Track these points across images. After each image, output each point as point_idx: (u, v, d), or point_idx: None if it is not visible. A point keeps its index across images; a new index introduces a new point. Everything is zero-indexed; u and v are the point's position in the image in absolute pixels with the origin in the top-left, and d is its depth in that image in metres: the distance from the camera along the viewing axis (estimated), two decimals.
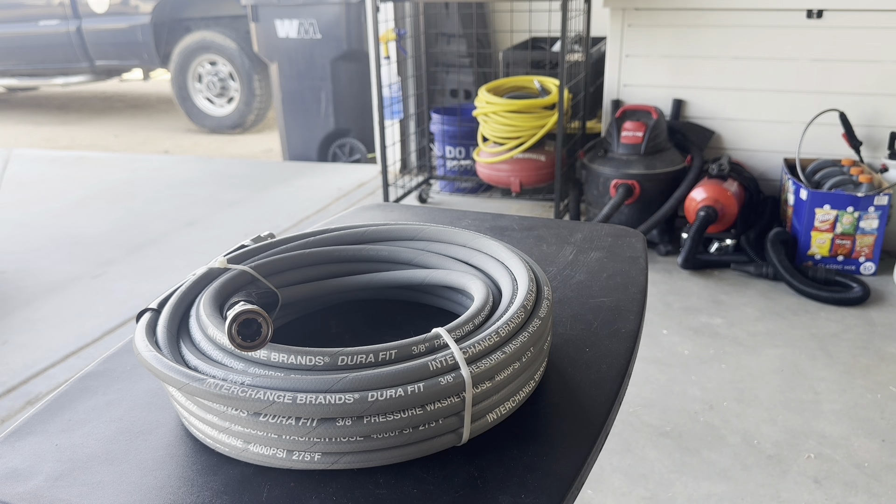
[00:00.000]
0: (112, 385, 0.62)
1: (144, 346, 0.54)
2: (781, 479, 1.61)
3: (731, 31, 2.87)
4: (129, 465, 0.52)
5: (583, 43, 3.18)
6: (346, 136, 4.31)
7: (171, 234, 3.16)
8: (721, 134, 3.03)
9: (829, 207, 2.50)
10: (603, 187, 2.82)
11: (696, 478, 1.62)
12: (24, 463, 0.52)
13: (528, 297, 0.58)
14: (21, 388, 2.03)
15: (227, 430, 0.51)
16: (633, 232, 0.94)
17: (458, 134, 3.41)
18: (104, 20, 5.40)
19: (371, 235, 0.73)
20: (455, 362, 0.51)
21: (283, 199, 3.61)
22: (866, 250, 2.53)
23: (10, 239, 3.15)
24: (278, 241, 0.71)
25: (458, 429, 0.52)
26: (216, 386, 0.48)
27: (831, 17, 2.72)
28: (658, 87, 3.05)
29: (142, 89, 7.44)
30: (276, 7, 3.98)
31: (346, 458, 0.50)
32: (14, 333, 2.33)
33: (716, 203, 2.63)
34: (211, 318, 0.56)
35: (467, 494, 0.48)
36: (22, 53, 5.70)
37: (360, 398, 0.48)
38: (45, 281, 2.70)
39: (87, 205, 3.59)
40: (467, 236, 0.71)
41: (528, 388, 0.58)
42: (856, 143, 2.71)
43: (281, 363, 0.51)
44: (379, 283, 0.72)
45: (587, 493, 1.59)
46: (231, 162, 4.45)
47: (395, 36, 3.29)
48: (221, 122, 5.44)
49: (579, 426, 0.56)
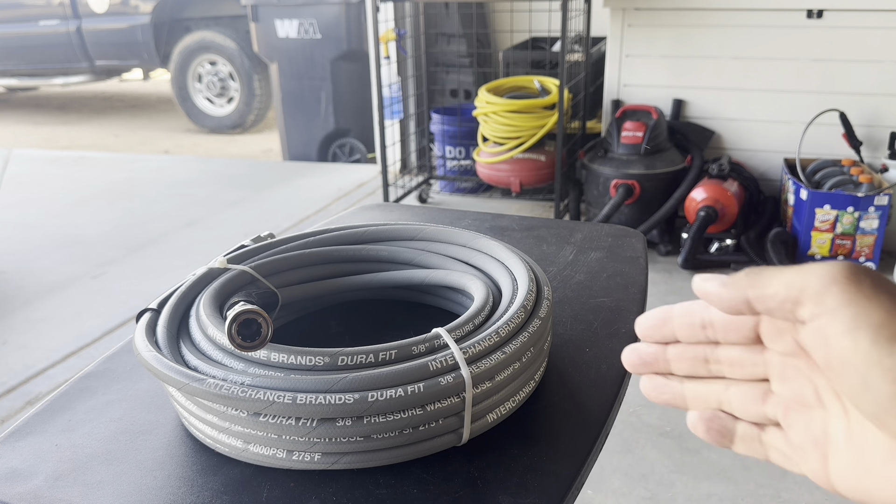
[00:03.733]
0: (112, 385, 0.62)
1: (144, 346, 0.54)
2: (781, 479, 1.61)
3: (731, 31, 2.87)
4: (128, 465, 0.52)
5: (583, 43, 3.18)
6: (346, 136, 4.31)
7: (170, 234, 3.16)
8: (721, 134, 3.03)
9: (829, 207, 2.50)
10: (603, 187, 2.82)
11: (697, 478, 1.62)
12: (24, 463, 0.52)
13: (528, 298, 0.58)
14: (21, 388, 2.03)
15: (227, 431, 0.51)
16: (634, 232, 0.94)
17: (458, 134, 3.41)
18: (104, 20, 5.40)
19: (371, 235, 0.73)
20: (455, 362, 0.51)
21: (283, 199, 3.61)
22: (866, 250, 2.53)
23: (10, 239, 3.15)
24: (278, 241, 0.71)
25: (458, 429, 0.52)
26: (216, 386, 0.48)
27: (831, 17, 2.72)
28: (658, 87, 3.05)
29: (142, 89, 7.44)
30: (276, 7, 3.98)
31: (346, 459, 0.50)
32: (14, 333, 2.33)
33: (716, 203, 2.63)
34: (211, 319, 0.56)
35: (467, 494, 0.48)
36: (22, 53, 5.70)
37: (360, 398, 0.48)
38: (44, 281, 2.70)
39: (87, 205, 3.59)
40: (467, 236, 0.71)
41: (528, 389, 0.58)
42: (856, 143, 2.71)
43: (281, 363, 0.51)
44: (379, 283, 0.72)
45: (587, 494, 1.59)
46: (231, 162, 4.45)
47: (395, 36, 3.29)
48: (221, 122, 5.44)
49: (579, 426, 0.56)
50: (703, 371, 0.39)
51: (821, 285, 0.31)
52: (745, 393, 0.38)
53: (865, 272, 0.32)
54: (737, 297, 0.34)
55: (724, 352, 0.38)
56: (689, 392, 0.40)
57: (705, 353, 0.39)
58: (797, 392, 0.36)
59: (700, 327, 0.38)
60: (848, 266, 0.32)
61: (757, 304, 0.34)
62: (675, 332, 0.39)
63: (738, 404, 0.38)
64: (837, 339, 0.31)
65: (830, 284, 0.31)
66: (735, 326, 0.37)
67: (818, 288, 0.31)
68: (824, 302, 0.31)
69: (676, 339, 0.39)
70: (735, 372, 0.38)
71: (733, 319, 0.37)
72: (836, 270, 0.31)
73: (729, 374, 0.38)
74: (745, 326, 0.37)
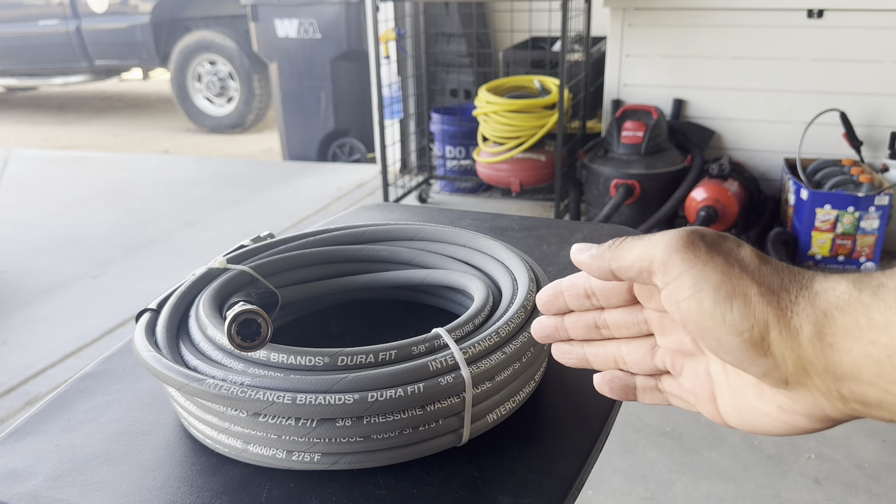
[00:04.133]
0: (111, 385, 0.62)
1: (144, 346, 0.54)
2: (782, 480, 1.61)
3: (731, 31, 2.87)
4: (128, 465, 0.52)
5: (583, 43, 3.18)
6: (346, 135, 4.31)
7: (170, 234, 3.15)
8: (721, 134, 3.03)
9: (829, 207, 2.50)
10: (603, 187, 2.82)
11: (697, 478, 1.62)
12: (24, 463, 0.52)
13: (528, 298, 0.58)
14: (20, 388, 2.03)
15: (227, 431, 0.51)
16: (634, 232, 0.94)
17: (458, 134, 3.41)
18: (103, 20, 5.39)
19: (371, 235, 0.73)
20: (455, 362, 0.51)
21: (282, 199, 3.61)
22: (867, 250, 2.53)
23: (10, 239, 3.15)
24: (278, 241, 0.71)
25: (458, 429, 0.52)
26: (215, 386, 0.48)
27: (832, 16, 2.72)
28: (658, 87, 3.04)
29: (141, 89, 7.44)
30: (276, 7, 3.98)
31: (345, 459, 0.50)
32: (13, 333, 2.33)
33: (716, 203, 2.63)
34: (210, 319, 0.56)
35: (467, 495, 0.48)
36: (21, 53, 5.69)
37: (360, 398, 0.47)
38: (44, 281, 2.70)
39: (87, 205, 3.59)
40: (467, 236, 0.71)
41: (528, 389, 0.57)
42: (856, 143, 2.71)
43: (281, 363, 0.51)
44: (379, 283, 0.72)
45: (587, 494, 1.59)
46: (231, 162, 4.45)
47: (394, 35, 3.29)
48: (221, 122, 5.44)
49: (579, 426, 0.55)
50: (596, 335, 0.43)
51: (664, 255, 0.34)
52: (634, 349, 0.42)
53: (701, 235, 0.35)
54: (603, 268, 0.38)
55: (609, 315, 0.42)
56: (589, 355, 0.43)
57: (595, 319, 0.42)
58: (677, 343, 0.39)
59: (585, 297, 0.42)
60: (685, 233, 0.35)
61: (619, 273, 0.37)
62: (566, 303, 0.43)
63: (630, 360, 0.42)
64: (685, 303, 0.34)
65: (672, 253, 0.34)
66: (613, 292, 0.41)
67: (663, 257, 0.34)
68: (669, 270, 0.34)
69: (570, 308, 0.43)
70: (622, 332, 0.42)
71: (610, 285, 0.41)
72: (676, 239, 0.34)
73: (617, 335, 0.42)
74: (622, 291, 0.41)
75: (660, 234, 0.35)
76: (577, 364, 0.44)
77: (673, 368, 0.40)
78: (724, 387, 0.37)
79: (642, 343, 0.41)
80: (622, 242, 0.37)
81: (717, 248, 0.34)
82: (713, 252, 0.34)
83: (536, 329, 0.44)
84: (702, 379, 0.39)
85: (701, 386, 0.39)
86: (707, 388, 0.39)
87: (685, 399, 0.40)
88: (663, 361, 0.41)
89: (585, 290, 0.42)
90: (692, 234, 0.34)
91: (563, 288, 0.42)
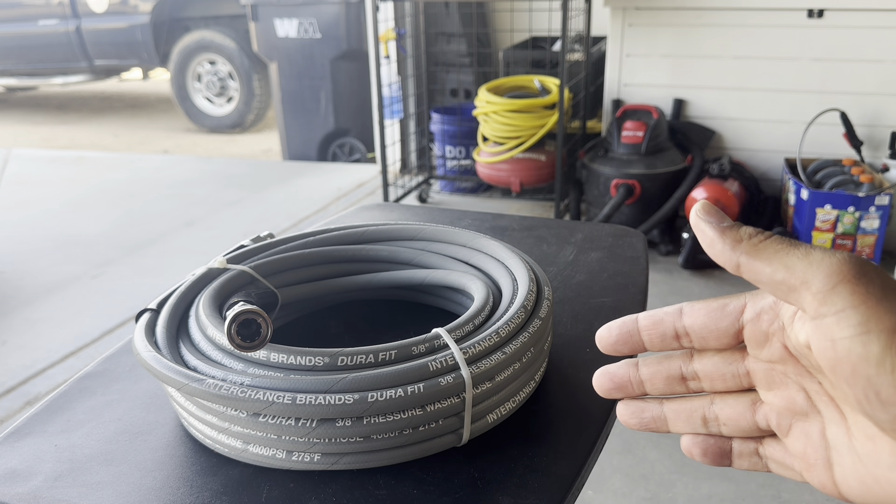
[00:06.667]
0: (111, 385, 0.62)
1: (143, 346, 0.54)
2: (782, 480, 1.61)
3: (731, 31, 2.87)
4: (128, 465, 0.52)
5: (583, 42, 3.18)
6: (346, 135, 4.31)
7: (170, 234, 3.15)
8: (722, 134, 3.03)
9: (830, 207, 2.50)
10: (603, 187, 2.82)
11: (697, 478, 1.62)
12: (23, 463, 0.52)
13: (528, 298, 0.58)
14: (20, 388, 2.03)
15: (227, 431, 0.51)
16: (634, 232, 0.94)
17: (458, 133, 3.41)
18: (103, 20, 5.39)
19: (371, 235, 0.73)
20: (455, 363, 0.51)
21: (282, 199, 3.61)
22: (867, 250, 2.53)
23: (10, 239, 3.15)
24: (278, 241, 0.71)
25: (458, 429, 0.52)
26: (215, 386, 0.48)
27: (832, 16, 2.72)
28: (659, 87, 3.04)
29: (141, 89, 7.43)
30: (276, 6, 3.98)
31: (345, 459, 0.50)
32: (13, 334, 2.33)
33: (717, 203, 2.63)
34: (210, 319, 0.56)
35: (467, 495, 0.48)
36: (21, 53, 5.69)
37: (360, 399, 0.47)
38: (44, 281, 2.70)
39: (87, 205, 3.59)
40: (467, 236, 0.71)
41: (528, 389, 0.57)
42: (857, 143, 2.71)
43: (280, 363, 0.51)
44: (379, 283, 0.72)
45: (588, 494, 1.59)
46: (230, 162, 4.45)
47: (394, 35, 3.29)
48: (221, 122, 5.44)
49: (580, 426, 0.55)
50: (680, 389, 0.36)
51: (827, 282, 0.29)
52: (731, 406, 0.36)
53: (875, 270, 0.30)
54: (726, 254, 0.32)
55: (700, 365, 0.36)
56: (669, 413, 0.37)
57: (681, 369, 0.36)
58: (788, 399, 0.34)
59: (672, 338, 0.35)
60: (856, 262, 0.29)
61: (745, 270, 0.31)
62: (643, 344, 0.36)
63: (726, 419, 0.36)
64: (845, 342, 0.28)
65: (839, 282, 0.29)
66: (715, 334, 0.34)
67: (824, 284, 0.29)
68: (832, 301, 0.29)
69: (647, 349, 0.36)
70: (716, 385, 0.36)
71: (713, 325, 0.34)
72: (845, 265, 0.29)
73: (709, 388, 0.36)
74: (727, 333, 0.34)
75: (820, 252, 0.30)
76: (652, 426, 0.37)
77: (778, 429, 0.35)
78: (846, 454, 0.32)
79: (740, 399, 0.35)
80: (768, 239, 0.31)
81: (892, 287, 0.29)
82: (888, 291, 0.29)
83: (602, 380, 0.37)
84: (815, 443, 0.33)
85: (814, 451, 0.33)
86: (821, 453, 0.33)
87: (790, 466, 0.35)
88: (767, 420, 0.35)
89: (675, 329, 0.35)
90: (866, 266, 0.29)
91: (641, 327, 0.36)
